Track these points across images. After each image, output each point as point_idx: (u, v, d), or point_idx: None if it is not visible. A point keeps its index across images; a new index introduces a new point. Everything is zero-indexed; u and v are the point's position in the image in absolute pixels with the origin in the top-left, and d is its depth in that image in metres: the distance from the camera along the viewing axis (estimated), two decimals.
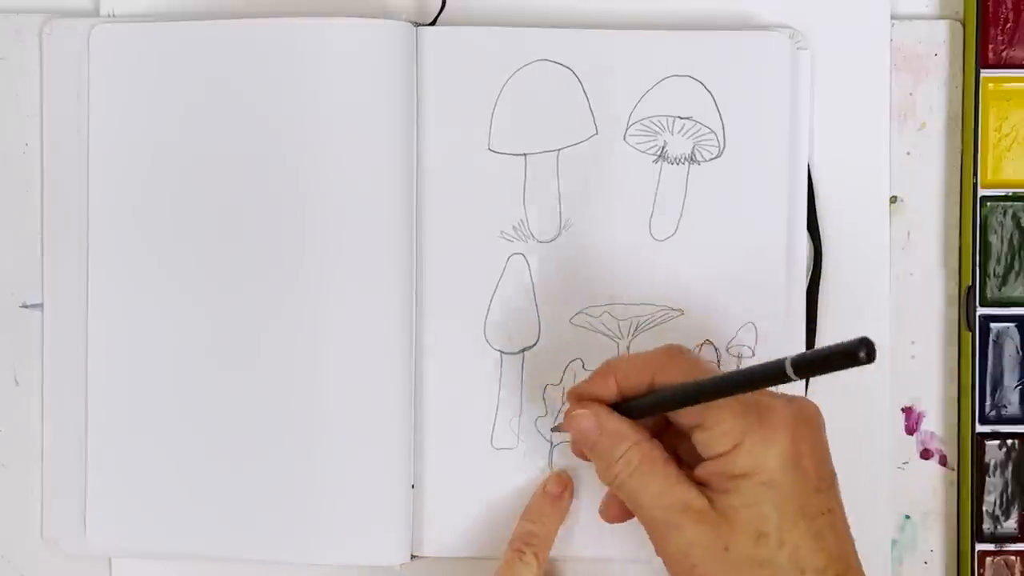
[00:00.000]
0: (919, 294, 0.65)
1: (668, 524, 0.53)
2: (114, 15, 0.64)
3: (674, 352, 0.55)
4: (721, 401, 0.52)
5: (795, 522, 0.52)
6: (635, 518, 0.56)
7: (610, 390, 0.56)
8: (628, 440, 0.54)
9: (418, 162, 0.63)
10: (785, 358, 0.48)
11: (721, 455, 0.52)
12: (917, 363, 0.65)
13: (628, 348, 0.63)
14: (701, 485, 0.53)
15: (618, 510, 0.58)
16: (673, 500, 0.53)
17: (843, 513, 0.54)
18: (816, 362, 0.48)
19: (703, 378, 0.53)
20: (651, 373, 0.55)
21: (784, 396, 0.54)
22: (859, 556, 0.54)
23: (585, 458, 0.57)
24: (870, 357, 0.45)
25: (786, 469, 0.52)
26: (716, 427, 0.52)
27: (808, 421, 0.53)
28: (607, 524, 0.62)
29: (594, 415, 0.55)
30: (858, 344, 0.45)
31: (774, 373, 0.49)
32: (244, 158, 0.62)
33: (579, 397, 0.56)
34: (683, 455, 0.55)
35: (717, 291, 0.63)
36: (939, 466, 0.65)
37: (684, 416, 0.53)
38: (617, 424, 0.55)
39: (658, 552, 0.54)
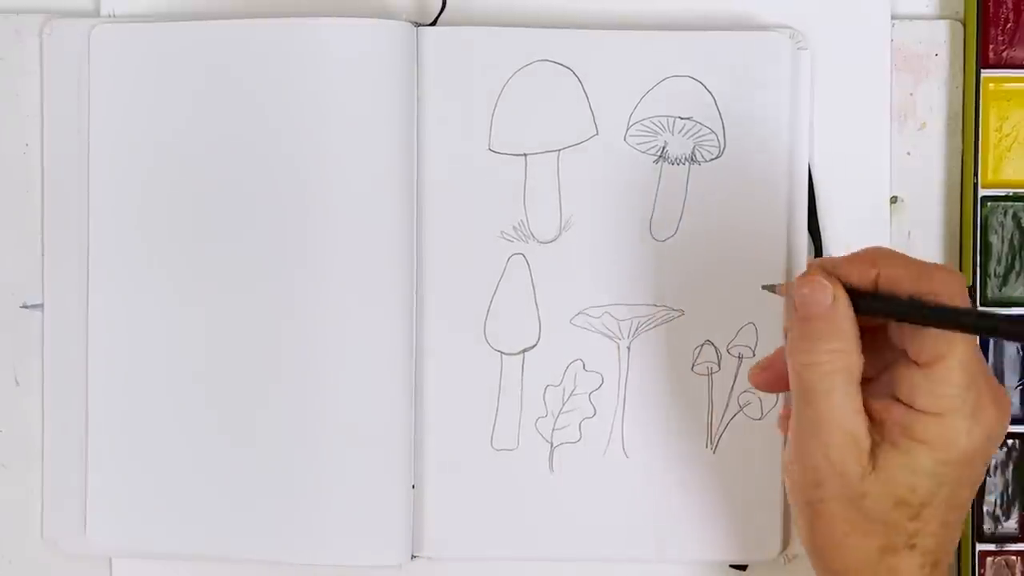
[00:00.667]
0: None
1: (826, 439, 0.50)
2: (114, 15, 0.64)
3: (958, 282, 0.50)
4: (960, 360, 0.49)
5: (937, 505, 0.50)
6: (779, 392, 0.54)
7: (866, 279, 0.50)
8: (845, 341, 0.50)
9: (418, 162, 0.63)
10: None
11: (917, 411, 0.50)
12: None
13: (629, 348, 0.63)
14: (871, 419, 0.51)
15: (771, 381, 0.55)
16: (846, 422, 0.50)
17: (968, 511, 0.53)
18: None
19: (961, 308, 0.48)
20: (930, 287, 0.49)
21: (1002, 391, 0.51)
22: None
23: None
24: None
25: (963, 461, 0.50)
26: (940, 384, 0.49)
27: (1004, 428, 0.51)
28: (605, 524, 0.62)
29: (833, 294, 0.50)
30: None
31: None
32: (244, 158, 0.62)
33: (825, 268, 0.51)
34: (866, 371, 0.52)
35: (717, 291, 0.63)
36: None
37: (917, 349, 0.50)
38: (848, 318, 0.50)
39: (793, 453, 0.52)
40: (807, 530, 0.52)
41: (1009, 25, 0.63)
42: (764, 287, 0.55)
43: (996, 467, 0.64)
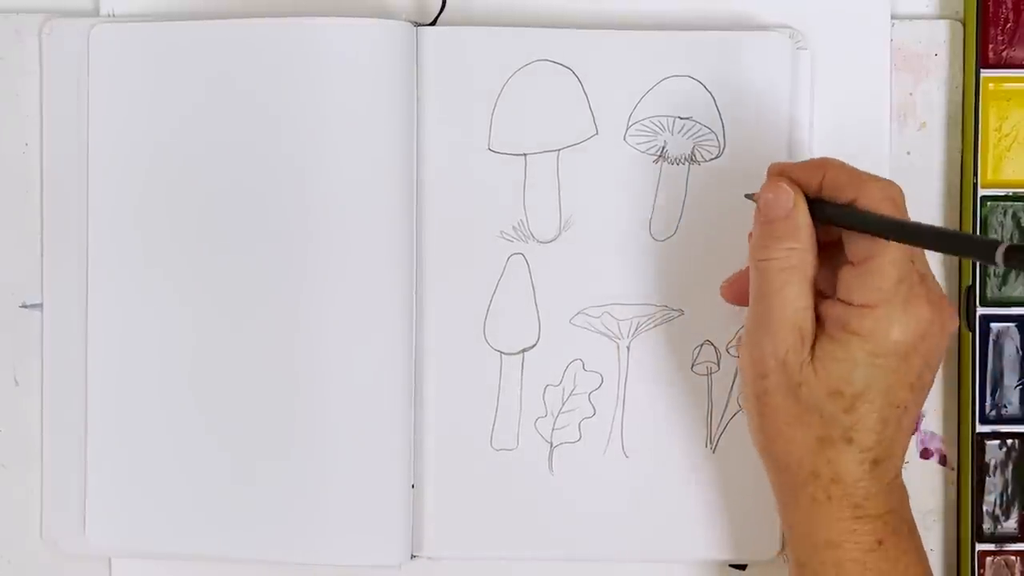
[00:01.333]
0: None
1: (774, 332, 0.54)
2: (114, 15, 0.64)
3: (893, 191, 0.54)
4: (888, 259, 0.52)
5: (872, 399, 0.53)
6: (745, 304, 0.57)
7: (813, 183, 0.55)
8: (801, 241, 0.54)
9: (418, 162, 0.63)
10: (1001, 242, 0.47)
11: (852, 304, 0.53)
12: None
13: (628, 348, 0.63)
14: (817, 317, 0.55)
15: (739, 294, 0.59)
16: (794, 315, 0.54)
17: (914, 416, 0.55)
18: None
19: (908, 220, 0.53)
20: (860, 192, 0.54)
21: (940, 295, 0.54)
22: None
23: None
24: None
25: (896, 353, 0.53)
26: (869, 277, 0.53)
27: (942, 330, 0.54)
28: (605, 524, 0.62)
29: (793, 199, 0.55)
30: None
31: (982, 250, 0.48)
32: (244, 158, 0.62)
33: (782, 174, 0.56)
34: (820, 279, 0.56)
35: (717, 291, 0.63)
36: (939, 466, 0.65)
37: (852, 250, 0.54)
38: (804, 220, 0.55)
39: (745, 347, 0.56)
40: (756, 423, 0.56)
41: (1009, 25, 0.63)
42: (746, 196, 0.58)
43: (996, 467, 0.64)
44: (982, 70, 0.63)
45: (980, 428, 0.64)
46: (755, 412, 0.56)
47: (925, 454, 0.65)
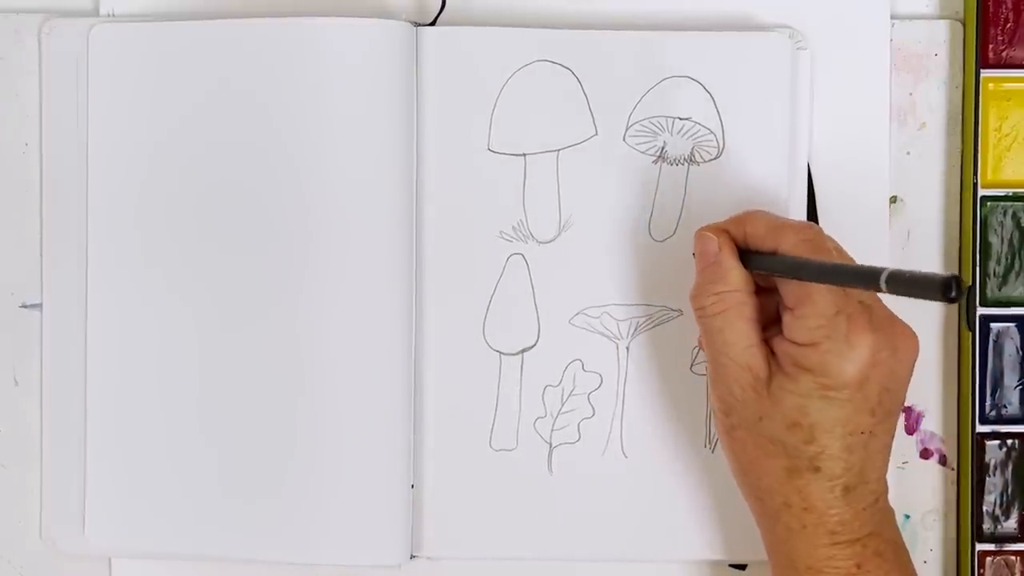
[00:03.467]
0: None
1: (725, 372, 0.56)
2: (113, 15, 0.64)
3: (810, 234, 0.56)
4: (820, 297, 0.53)
5: (831, 428, 0.54)
6: None
7: (739, 234, 0.57)
8: (731, 284, 0.56)
9: (418, 162, 0.63)
10: (884, 269, 0.49)
11: (797, 344, 0.54)
12: (917, 363, 0.65)
13: (628, 349, 0.63)
14: (771, 352, 0.56)
15: None
16: (739, 356, 0.56)
17: (886, 440, 0.56)
18: (907, 282, 0.48)
19: (804, 258, 0.54)
20: (778, 240, 0.56)
21: (887, 318, 0.55)
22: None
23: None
24: (953, 297, 0.45)
25: (847, 385, 0.54)
26: (805, 319, 0.54)
27: (895, 350, 0.54)
28: (604, 524, 0.63)
29: (718, 245, 0.57)
30: (948, 280, 0.46)
31: (868, 278, 0.49)
32: (243, 158, 0.62)
33: (713, 229, 0.58)
34: (775, 316, 0.57)
35: None
36: (939, 466, 0.65)
37: (785, 294, 0.55)
38: (732, 264, 0.57)
39: (710, 385, 0.58)
40: (730, 456, 0.58)
41: (1009, 25, 0.63)
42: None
43: (996, 467, 0.64)
44: (982, 70, 0.63)
45: (980, 428, 0.64)
46: (727, 447, 0.57)
47: (925, 454, 0.65)
